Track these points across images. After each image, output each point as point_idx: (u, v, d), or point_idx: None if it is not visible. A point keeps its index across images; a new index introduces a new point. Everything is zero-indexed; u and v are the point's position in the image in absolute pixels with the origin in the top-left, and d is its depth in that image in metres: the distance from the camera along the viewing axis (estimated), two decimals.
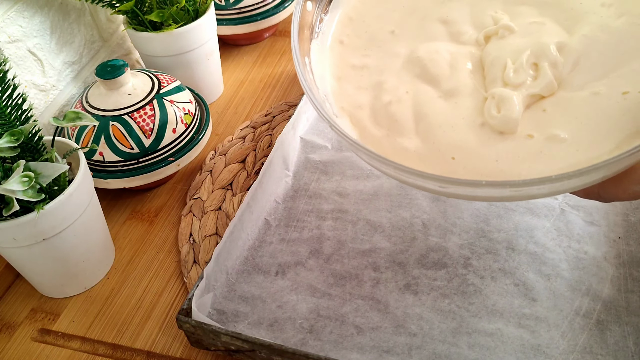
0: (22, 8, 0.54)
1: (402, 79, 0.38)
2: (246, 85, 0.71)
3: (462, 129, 0.35)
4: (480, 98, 0.36)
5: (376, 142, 0.36)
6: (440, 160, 0.34)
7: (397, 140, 0.36)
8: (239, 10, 0.72)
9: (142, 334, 0.46)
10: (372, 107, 0.38)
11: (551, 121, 0.34)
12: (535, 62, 0.36)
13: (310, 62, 0.40)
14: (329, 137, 0.59)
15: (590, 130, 0.32)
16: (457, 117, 0.35)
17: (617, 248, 0.46)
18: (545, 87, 0.35)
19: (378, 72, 0.40)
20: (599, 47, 0.35)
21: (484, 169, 0.33)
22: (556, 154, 0.32)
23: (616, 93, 0.33)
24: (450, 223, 0.50)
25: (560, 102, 0.34)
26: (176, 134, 0.55)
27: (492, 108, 0.34)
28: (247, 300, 0.46)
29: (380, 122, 0.37)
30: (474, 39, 0.39)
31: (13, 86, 0.42)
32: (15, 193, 0.39)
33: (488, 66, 0.37)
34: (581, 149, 0.32)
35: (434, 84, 0.38)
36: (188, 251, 0.51)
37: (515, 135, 0.34)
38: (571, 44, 0.36)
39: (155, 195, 0.58)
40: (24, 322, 0.48)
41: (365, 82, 0.39)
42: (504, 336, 0.42)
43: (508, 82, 0.35)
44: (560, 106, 0.34)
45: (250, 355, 0.41)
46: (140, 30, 0.60)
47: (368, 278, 0.46)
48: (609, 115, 0.32)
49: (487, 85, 0.37)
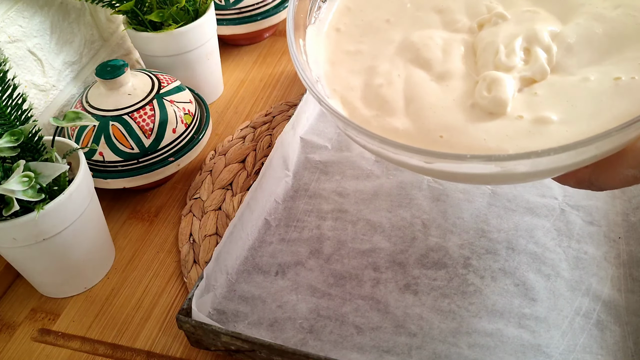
0: (22, 8, 0.54)
1: (395, 63, 0.39)
2: (246, 85, 0.71)
3: (452, 109, 0.35)
4: (472, 81, 0.36)
5: (365, 121, 0.36)
6: (428, 138, 0.34)
7: (387, 120, 0.36)
8: (239, 10, 0.72)
9: (142, 334, 0.46)
10: (363, 89, 0.38)
11: (542, 103, 0.34)
12: (527, 47, 0.36)
13: (305, 45, 0.40)
14: (329, 137, 0.59)
15: (581, 112, 0.32)
16: (448, 99, 0.36)
17: (617, 248, 0.46)
18: (536, 71, 0.35)
19: (371, 57, 0.40)
20: (593, 35, 0.36)
21: (471, 147, 0.33)
22: (545, 133, 0.32)
23: (608, 79, 0.33)
24: (450, 223, 0.50)
25: (551, 86, 0.34)
26: (176, 134, 0.55)
27: (483, 89, 0.34)
28: (247, 300, 0.46)
29: (370, 103, 0.37)
30: (467, 26, 0.40)
31: (13, 86, 0.42)
32: (15, 193, 0.39)
33: (480, 51, 0.37)
34: (571, 129, 0.32)
35: (426, 68, 0.38)
36: (188, 251, 0.51)
37: (505, 116, 0.34)
38: (565, 30, 0.36)
39: (155, 195, 0.58)
40: (24, 322, 0.48)
41: (359, 66, 0.40)
42: (503, 336, 0.42)
43: (500, 65, 0.35)
44: (551, 90, 0.34)
45: (250, 355, 0.41)
46: (140, 30, 0.60)
47: (368, 278, 0.46)
48: (600, 98, 0.32)
49: (479, 69, 0.37)
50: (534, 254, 0.46)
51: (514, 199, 0.51)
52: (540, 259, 0.46)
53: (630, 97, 0.32)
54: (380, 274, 0.47)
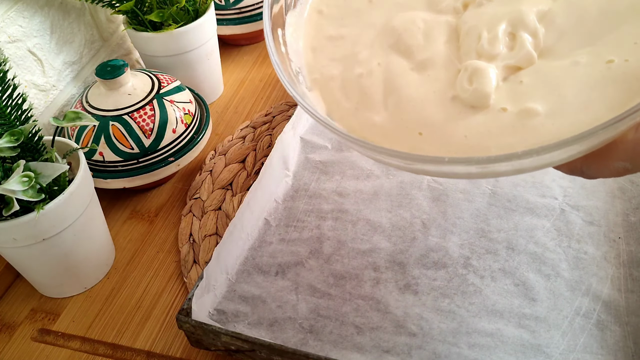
0: (22, 8, 0.54)
1: (376, 50, 0.37)
2: (246, 85, 0.71)
3: (432, 104, 0.33)
4: (454, 70, 0.34)
5: (345, 116, 0.35)
6: (407, 136, 0.33)
7: (366, 115, 0.35)
8: (239, 10, 0.72)
9: (142, 334, 0.46)
10: (343, 79, 0.37)
11: (528, 93, 0.31)
12: (512, 31, 0.33)
13: (285, 34, 0.38)
14: (329, 137, 0.59)
15: (569, 103, 0.30)
16: (428, 91, 0.34)
17: (617, 248, 0.46)
18: (522, 58, 0.32)
19: (352, 43, 0.38)
20: (584, 12, 0.33)
21: (452, 146, 0.31)
22: (530, 128, 0.30)
23: (600, 62, 0.31)
24: (450, 223, 0.50)
25: (539, 73, 0.32)
26: (176, 134, 0.55)
27: (465, 81, 0.32)
28: (247, 300, 0.46)
29: (350, 94, 0.36)
30: (452, 7, 0.37)
31: (13, 86, 0.42)
32: (15, 193, 0.39)
33: (463, 36, 0.35)
34: (557, 122, 0.30)
35: (407, 55, 0.36)
36: (188, 251, 0.51)
37: (488, 109, 0.32)
38: (554, 8, 0.34)
39: (155, 195, 0.58)
40: (24, 322, 0.48)
41: (340, 53, 0.38)
42: (503, 336, 0.42)
43: (483, 53, 0.33)
44: (538, 77, 0.32)
45: (250, 355, 0.41)
46: (140, 30, 0.60)
47: (368, 278, 0.46)
48: (591, 86, 0.30)
49: (461, 56, 0.34)
50: (534, 254, 0.46)
51: (514, 199, 0.51)
52: (540, 259, 0.46)
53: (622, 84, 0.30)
54: (380, 274, 0.47)
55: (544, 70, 0.32)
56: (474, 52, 0.34)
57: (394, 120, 0.34)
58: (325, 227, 0.50)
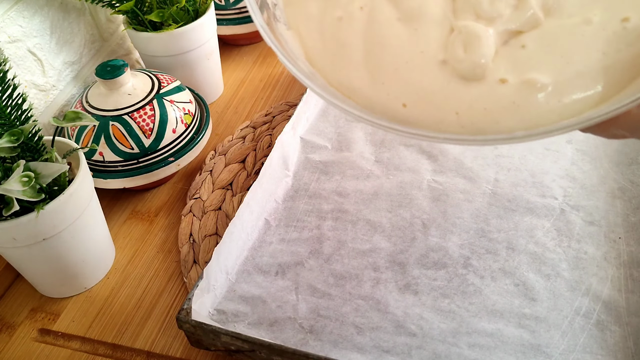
0: (22, 8, 0.54)
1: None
2: (246, 85, 0.71)
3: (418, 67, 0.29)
4: (447, 27, 0.30)
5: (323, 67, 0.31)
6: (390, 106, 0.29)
7: (344, 72, 0.31)
8: (239, 10, 0.72)
9: (142, 334, 0.46)
10: (321, 22, 0.32)
11: (530, 60, 0.28)
12: None
13: None
14: (329, 137, 0.59)
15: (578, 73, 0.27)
16: (415, 50, 0.29)
17: (617, 248, 0.46)
18: (526, 21, 0.28)
19: None
20: None
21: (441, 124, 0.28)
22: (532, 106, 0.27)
23: (615, 20, 0.27)
24: (450, 223, 0.50)
25: (544, 35, 0.28)
26: (176, 134, 0.55)
27: (458, 46, 0.29)
28: (247, 300, 0.46)
29: (327, 41, 0.32)
30: None
31: (13, 86, 0.42)
32: (15, 193, 0.39)
33: None
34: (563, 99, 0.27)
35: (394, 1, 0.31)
36: (188, 251, 0.51)
37: (485, 81, 0.28)
38: None
39: (155, 195, 0.58)
40: (24, 322, 0.48)
41: None
42: (503, 336, 0.42)
43: (482, 13, 0.29)
44: (544, 40, 0.28)
45: (250, 355, 0.41)
46: (140, 30, 0.60)
47: (368, 278, 0.46)
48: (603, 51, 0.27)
49: (457, 11, 0.30)
50: (534, 254, 0.46)
51: (514, 199, 0.51)
52: (540, 259, 0.46)
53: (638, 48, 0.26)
54: (380, 274, 0.47)
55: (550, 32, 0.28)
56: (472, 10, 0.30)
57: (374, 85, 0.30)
58: (325, 227, 0.50)
